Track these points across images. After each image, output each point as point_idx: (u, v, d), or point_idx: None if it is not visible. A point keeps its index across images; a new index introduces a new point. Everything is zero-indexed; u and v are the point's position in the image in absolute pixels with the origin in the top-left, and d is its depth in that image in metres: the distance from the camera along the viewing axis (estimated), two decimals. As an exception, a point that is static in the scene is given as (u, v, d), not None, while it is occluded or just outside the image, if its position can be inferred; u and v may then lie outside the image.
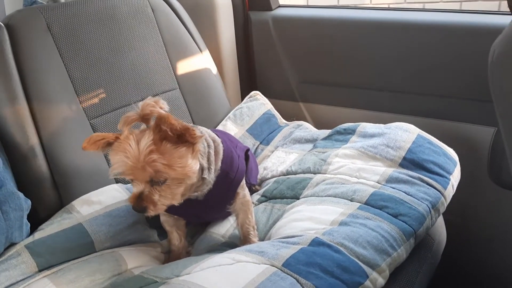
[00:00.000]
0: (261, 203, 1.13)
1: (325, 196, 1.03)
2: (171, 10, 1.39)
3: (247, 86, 1.66)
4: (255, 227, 1.01)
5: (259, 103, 1.46)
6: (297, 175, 1.16)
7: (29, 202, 0.98)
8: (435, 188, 1.05)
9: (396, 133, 1.17)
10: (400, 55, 1.36)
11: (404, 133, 1.17)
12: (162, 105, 0.81)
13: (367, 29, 1.41)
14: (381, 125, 1.24)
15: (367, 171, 1.09)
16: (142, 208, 0.82)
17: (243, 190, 1.00)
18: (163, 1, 1.38)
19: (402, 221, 0.95)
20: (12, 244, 0.93)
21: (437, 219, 1.04)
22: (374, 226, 0.91)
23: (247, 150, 1.07)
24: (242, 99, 1.53)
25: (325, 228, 0.92)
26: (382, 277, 0.85)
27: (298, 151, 1.27)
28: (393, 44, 1.37)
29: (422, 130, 1.20)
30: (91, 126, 1.13)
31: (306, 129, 1.39)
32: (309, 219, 0.96)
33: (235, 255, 0.84)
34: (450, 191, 1.08)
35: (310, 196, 1.06)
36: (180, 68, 1.36)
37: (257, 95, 1.49)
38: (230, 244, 1.01)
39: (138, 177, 0.80)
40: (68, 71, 1.13)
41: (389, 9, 1.52)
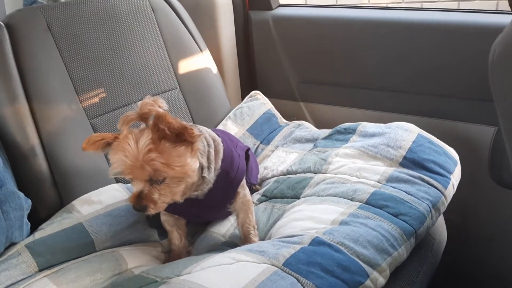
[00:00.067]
0: (262, 203, 1.13)
1: (326, 196, 1.03)
2: (171, 10, 1.38)
3: (247, 86, 1.66)
4: (256, 227, 1.01)
5: (260, 103, 1.46)
6: (298, 175, 1.16)
7: (30, 202, 0.98)
8: (436, 188, 1.05)
9: (397, 133, 1.17)
10: (401, 55, 1.36)
11: (405, 133, 1.17)
12: (161, 104, 0.81)
13: (368, 29, 1.41)
14: (382, 125, 1.24)
15: (368, 171, 1.09)
16: (142, 207, 0.82)
17: (244, 190, 1.00)
18: (163, 1, 1.38)
19: (403, 221, 0.95)
20: (13, 244, 0.93)
21: (438, 219, 1.04)
22: (375, 226, 0.91)
23: (248, 150, 1.06)
24: (243, 99, 1.53)
25: (326, 228, 0.91)
26: (383, 277, 0.85)
27: (299, 151, 1.27)
28: (394, 44, 1.37)
29: (423, 130, 1.20)
30: (91, 126, 1.13)
31: (307, 129, 1.39)
32: (310, 219, 0.96)
33: (236, 255, 0.84)
34: (451, 191, 1.08)
35: (311, 196, 1.06)
36: (181, 68, 1.35)
37: (258, 95, 1.49)
38: (231, 244, 1.01)
39: (137, 176, 0.80)
40: (68, 71, 1.13)
41: (390, 9, 1.51)
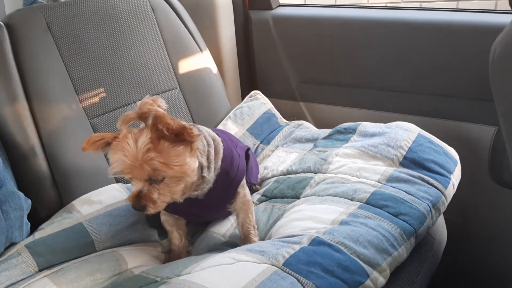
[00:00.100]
0: (262, 203, 1.13)
1: (326, 196, 1.03)
2: (171, 10, 1.38)
3: (248, 86, 1.66)
4: (256, 227, 1.01)
5: (260, 103, 1.46)
6: (298, 175, 1.16)
7: (29, 202, 0.98)
8: (436, 188, 1.05)
9: (397, 132, 1.17)
10: (401, 54, 1.36)
11: (405, 132, 1.17)
12: (160, 104, 0.81)
13: (368, 28, 1.41)
14: (382, 125, 1.24)
15: (368, 171, 1.09)
16: (142, 207, 0.82)
17: (244, 190, 1.00)
18: (163, 1, 1.38)
19: (403, 221, 0.95)
20: (13, 244, 0.93)
21: (438, 218, 1.04)
22: (375, 226, 0.91)
23: (248, 150, 1.06)
24: (243, 99, 1.53)
25: (326, 228, 0.91)
26: (383, 277, 0.85)
27: (299, 151, 1.27)
28: (394, 43, 1.37)
29: (423, 130, 1.20)
30: (91, 126, 1.13)
31: (307, 129, 1.39)
32: (310, 219, 0.96)
33: (236, 255, 0.84)
34: (451, 190, 1.08)
35: (311, 196, 1.06)
36: (181, 68, 1.35)
37: (258, 95, 1.49)
38: (231, 244, 1.01)
39: (137, 176, 0.80)
40: (68, 71, 1.12)
41: (390, 8, 1.51)
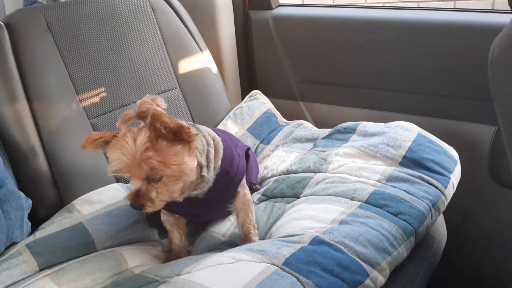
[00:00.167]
0: (262, 202, 1.13)
1: (326, 195, 1.03)
2: (171, 9, 1.38)
3: (247, 85, 1.66)
4: (256, 226, 1.01)
5: (260, 102, 1.46)
6: (298, 174, 1.16)
7: (30, 202, 0.98)
8: (436, 187, 1.05)
9: (397, 132, 1.17)
10: (400, 54, 1.36)
11: (405, 132, 1.17)
12: (159, 103, 0.81)
13: (368, 28, 1.41)
14: (382, 124, 1.24)
15: (368, 170, 1.09)
16: (140, 205, 0.82)
17: (244, 189, 1.00)
18: (163, 0, 1.38)
19: (403, 220, 0.95)
20: (13, 244, 0.93)
21: (438, 218, 1.04)
22: (375, 225, 0.91)
23: (248, 149, 1.07)
24: (243, 99, 1.53)
25: (326, 227, 0.92)
26: (383, 276, 0.85)
27: (299, 150, 1.27)
28: (393, 43, 1.37)
29: (423, 129, 1.20)
30: (92, 126, 1.13)
31: (307, 128, 1.39)
32: (310, 218, 0.96)
33: (236, 254, 0.84)
34: (451, 190, 1.08)
35: (311, 195, 1.06)
36: (181, 68, 1.35)
37: (258, 94, 1.49)
38: (231, 243, 1.01)
39: (135, 174, 0.80)
40: (68, 71, 1.13)
41: (390, 8, 1.51)
